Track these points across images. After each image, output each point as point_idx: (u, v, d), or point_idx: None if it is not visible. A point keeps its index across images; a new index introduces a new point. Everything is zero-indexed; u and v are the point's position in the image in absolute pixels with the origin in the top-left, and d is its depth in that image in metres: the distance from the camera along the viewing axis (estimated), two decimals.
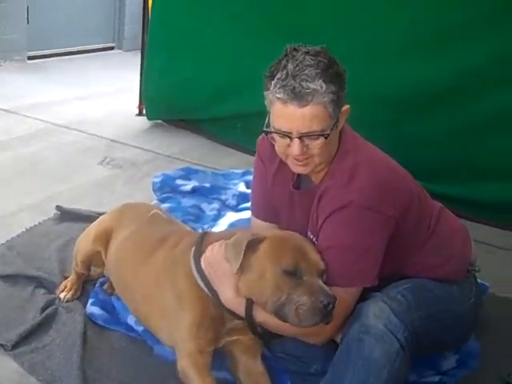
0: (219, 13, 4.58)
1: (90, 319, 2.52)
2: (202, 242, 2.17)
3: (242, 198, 3.66)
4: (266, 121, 2.07)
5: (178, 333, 2.11)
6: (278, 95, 1.94)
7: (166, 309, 2.18)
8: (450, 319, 2.18)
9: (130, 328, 2.48)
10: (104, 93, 6.39)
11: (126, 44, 8.83)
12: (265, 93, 2.02)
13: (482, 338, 2.54)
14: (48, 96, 6.00)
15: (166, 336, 2.22)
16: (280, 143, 2.05)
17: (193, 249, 2.16)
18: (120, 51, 8.88)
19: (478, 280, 2.47)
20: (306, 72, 1.92)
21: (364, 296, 2.06)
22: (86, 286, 2.73)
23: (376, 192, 2.00)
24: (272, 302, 1.93)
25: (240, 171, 4.10)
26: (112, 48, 8.93)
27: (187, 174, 3.91)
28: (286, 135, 1.99)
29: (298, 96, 1.92)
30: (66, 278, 2.73)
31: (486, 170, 3.77)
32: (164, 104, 5.15)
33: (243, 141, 4.67)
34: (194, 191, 3.72)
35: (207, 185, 3.78)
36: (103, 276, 2.73)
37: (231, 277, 2.00)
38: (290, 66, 1.93)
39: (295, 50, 1.97)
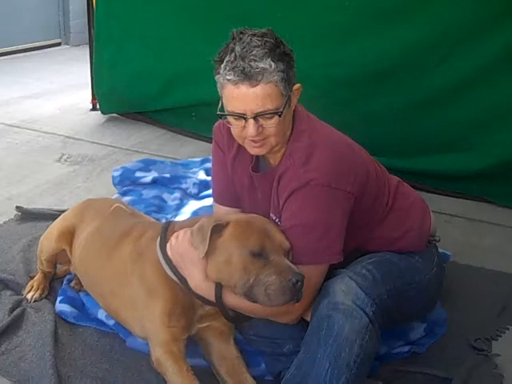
0: (167, 2, 4.55)
1: (60, 317, 2.51)
2: (167, 231, 2.18)
3: (203, 185, 3.67)
4: (220, 105, 2.08)
5: (150, 323, 2.12)
6: (229, 77, 1.97)
7: (136, 301, 2.18)
8: (415, 290, 2.23)
9: (100, 323, 2.48)
10: (55, 90, 6.31)
11: (73, 39, 8.70)
12: (215, 77, 2.04)
13: (448, 305, 2.62)
14: None
15: (138, 328, 2.22)
16: (235, 125, 2.06)
17: (158, 238, 2.17)
18: (67, 47, 8.75)
19: (440, 249, 2.53)
20: (254, 52, 1.95)
21: (330, 274, 2.09)
22: (53, 284, 2.71)
23: (333, 169, 2.03)
24: (241, 285, 1.95)
25: (199, 159, 4.10)
26: (59, 44, 8.79)
27: (146, 165, 3.90)
28: (241, 116, 2.01)
29: (248, 76, 1.94)
30: (31, 277, 2.71)
31: (436, 142, 3.84)
32: (117, 97, 5.11)
33: (199, 129, 4.68)
34: (155, 182, 3.71)
35: (167, 175, 3.78)
36: (70, 273, 2.72)
37: (198, 263, 2.01)
38: (238, 48, 1.96)
39: (241, 33, 2.00)
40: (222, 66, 1.99)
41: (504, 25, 3.46)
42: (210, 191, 3.54)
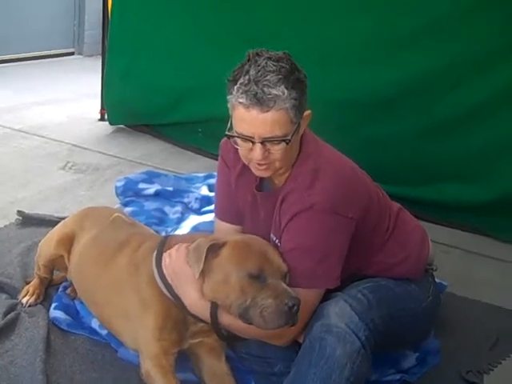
0: (180, 18, 4.59)
1: (53, 323, 2.50)
2: (164, 246, 2.17)
3: (205, 201, 3.67)
4: (229, 125, 2.09)
5: (142, 336, 2.12)
6: (241, 100, 1.96)
7: (129, 312, 2.18)
8: (409, 317, 2.22)
9: (93, 332, 2.48)
10: (65, 98, 6.34)
11: (87, 49, 8.74)
12: (228, 97, 2.04)
13: (442, 336, 2.60)
14: (7, 101, 5.93)
15: (129, 339, 2.22)
16: (242, 147, 2.07)
17: (155, 253, 2.17)
18: (80, 56, 8.79)
19: (437, 279, 2.53)
20: (268, 78, 1.94)
21: (325, 296, 2.09)
22: (49, 290, 2.71)
23: (337, 195, 2.04)
24: (237, 305, 1.94)
25: (202, 175, 4.11)
26: (72, 53, 8.84)
27: (150, 177, 3.91)
28: (248, 139, 2.01)
29: (260, 101, 1.94)
30: (28, 282, 2.71)
31: (441, 172, 3.84)
32: (126, 109, 5.13)
33: (205, 145, 4.69)
34: (157, 195, 3.72)
35: (170, 188, 3.78)
36: (66, 280, 2.71)
37: (194, 281, 2.00)
38: (253, 72, 1.95)
39: (257, 55, 1.99)
40: (236, 87, 1.98)
41: None
42: (211, 207, 3.55)
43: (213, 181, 3.94)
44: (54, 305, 2.60)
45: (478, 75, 3.60)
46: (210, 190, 3.76)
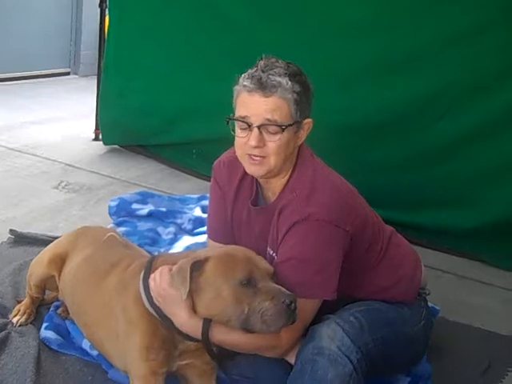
0: (174, 39, 4.63)
1: (44, 343, 2.49)
2: (152, 265, 2.16)
3: (198, 222, 3.68)
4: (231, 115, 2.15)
5: (130, 356, 2.09)
6: (245, 83, 2.06)
7: (119, 333, 2.16)
8: (401, 341, 2.22)
9: (84, 352, 2.47)
10: (60, 117, 6.35)
11: (82, 69, 8.78)
12: (234, 87, 2.13)
13: (434, 360, 2.59)
14: (2, 120, 5.94)
15: (118, 360, 2.20)
16: (240, 136, 2.10)
17: (142, 273, 2.16)
18: (76, 76, 8.83)
19: (429, 303, 2.53)
20: (275, 70, 2.05)
21: (317, 319, 2.09)
22: (40, 309, 2.69)
23: (336, 207, 2.06)
24: (236, 317, 1.93)
25: (196, 196, 4.11)
26: (68, 73, 8.87)
27: (144, 197, 3.91)
28: (246, 122, 2.06)
29: (263, 85, 2.03)
30: (19, 302, 2.70)
31: (433, 197, 3.87)
32: (120, 129, 5.15)
33: (199, 166, 4.71)
34: (151, 215, 3.72)
35: (163, 209, 3.79)
36: (58, 300, 2.70)
37: (181, 301, 1.98)
38: (262, 63, 2.08)
39: (269, 56, 2.13)
40: (243, 75, 2.10)
41: (506, 83, 3.52)
42: (204, 228, 3.54)
43: (206, 202, 3.93)
44: (44, 325, 2.58)
45: (469, 101, 3.64)
46: (204, 212, 3.77)
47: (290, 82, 2.04)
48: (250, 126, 2.07)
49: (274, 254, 2.15)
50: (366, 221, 2.20)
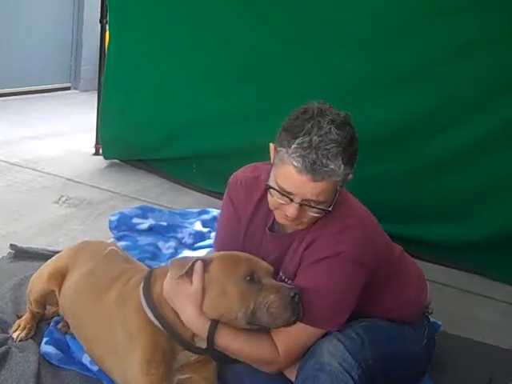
0: (175, 54, 4.64)
1: (44, 358, 2.48)
2: (151, 276, 2.19)
3: (198, 236, 3.68)
4: (271, 175, 2.05)
5: (130, 370, 2.09)
6: (296, 163, 1.92)
7: (119, 348, 2.16)
8: (403, 358, 2.22)
9: (84, 367, 2.45)
10: (61, 132, 6.36)
11: (83, 84, 8.82)
12: (278, 146, 1.99)
13: (435, 375, 2.58)
14: (3, 135, 5.94)
15: (119, 376, 2.19)
16: (278, 201, 2.05)
17: (141, 284, 2.17)
18: (76, 91, 8.86)
19: (431, 318, 2.53)
20: (329, 148, 1.90)
21: None
22: (40, 324, 2.68)
23: (364, 245, 2.06)
24: (243, 314, 1.97)
25: (196, 210, 4.11)
26: (68, 88, 8.91)
27: (144, 212, 3.91)
28: (288, 197, 1.99)
29: (315, 171, 1.91)
30: (19, 317, 2.69)
31: (434, 211, 3.87)
32: (120, 144, 5.16)
33: (199, 181, 4.71)
34: (151, 229, 3.72)
35: (164, 223, 3.78)
36: (58, 315, 2.70)
37: (193, 296, 2.00)
38: (315, 138, 1.90)
39: (321, 114, 1.96)
40: (293, 146, 1.92)
41: (505, 98, 3.53)
42: (205, 242, 3.58)
43: (206, 216, 3.97)
44: (45, 339, 2.57)
45: (468, 116, 3.65)
46: (204, 226, 3.79)
47: (342, 167, 1.92)
48: (291, 199, 2.00)
49: (286, 279, 2.15)
50: (386, 252, 2.22)
